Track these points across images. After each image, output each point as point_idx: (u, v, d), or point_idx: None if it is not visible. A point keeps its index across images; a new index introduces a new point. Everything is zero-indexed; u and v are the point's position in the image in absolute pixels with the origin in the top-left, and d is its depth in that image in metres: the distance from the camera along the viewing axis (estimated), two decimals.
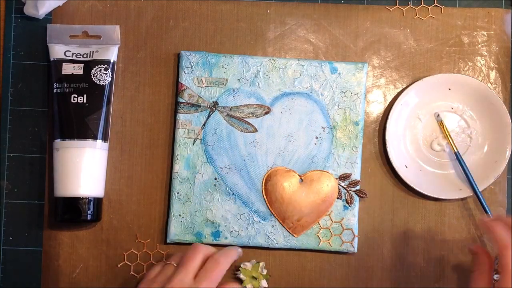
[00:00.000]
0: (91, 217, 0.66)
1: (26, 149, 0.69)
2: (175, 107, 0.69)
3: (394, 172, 0.69)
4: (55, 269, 0.68)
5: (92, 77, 0.67)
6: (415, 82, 0.69)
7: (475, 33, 0.71)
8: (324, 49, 0.70)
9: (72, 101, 0.66)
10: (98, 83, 0.67)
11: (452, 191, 0.68)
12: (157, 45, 0.70)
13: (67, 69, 0.67)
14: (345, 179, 0.68)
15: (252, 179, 0.68)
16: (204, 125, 0.68)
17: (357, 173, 0.68)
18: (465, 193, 0.68)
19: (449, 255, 0.69)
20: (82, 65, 0.67)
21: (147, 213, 0.69)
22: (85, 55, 0.68)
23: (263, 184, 0.68)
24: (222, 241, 0.67)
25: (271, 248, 0.68)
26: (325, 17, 0.71)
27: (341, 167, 0.68)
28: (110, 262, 0.68)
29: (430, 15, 0.71)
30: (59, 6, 0.70)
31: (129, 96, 0.70)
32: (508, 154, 0.68)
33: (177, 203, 0.68)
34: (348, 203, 0.68)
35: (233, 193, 0.68)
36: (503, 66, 0.71)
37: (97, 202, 0.66)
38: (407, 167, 0.69)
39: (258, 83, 0.69)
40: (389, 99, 0.70)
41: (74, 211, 0.65)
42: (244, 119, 0.69)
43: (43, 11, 0.69)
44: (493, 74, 0.71)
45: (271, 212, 0.68)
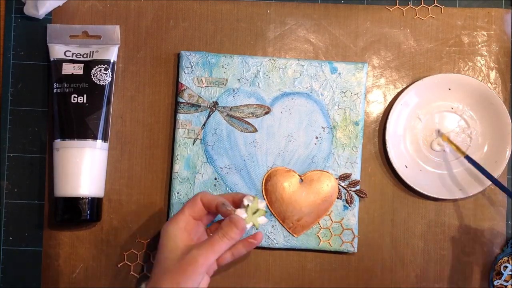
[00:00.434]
0: (91, 217, 0.66)
1: (26, 149, 0.69)
2: (175, 107, 0.69)
3: (394, 172, 0.69)
4: (55, 269, 0.68)
5: (92, 77, 0.67)
6: (415, 82, 0.69)
7: (475, 33, 0.71)
8: (324, 49, 0.70)
9: (72, 101, 0.66)
10: (98, 83, 0.67)
11: (452, 191, 0.68)
12: (157, 45, 0.70)
13: (67, 69, 0.67)
14: (345, 179, 0.68)
15: (252, 179, 0.68)
16: (204, 125, 0.68)
17: (357, 173, 0.68)
18: (465, 193, 0.68)
19: (449, 255, 0.69)
20: (82, 65, 0.67)
21: (147, 213, 0.69)
22: (85, 55, 0.68)
23: (263, 184, 0.68)
24: None
25: (271, 248, 0.68)
26: (325, 17, 0.71)
27: (341, 167, 0.68)
28: (110, 262, 0.68)
29: (430, 15, 0.71)
30: (59, 6, 0.70)
31: (129, 96, 0.70)
32: (508, 154, 0.68)
33: (177, 203, 0.68)
34: (348, 203, 0.68)
35: None
36: (503, 66, 0.71)
37: (97, 202, 0.66)
38: (407, 167, 0.69)
39: (258, 83, 0.69)
40: (389, 99, 0.70)
41: (74, 211, 0.65)
42: (244, 119, 0.69)
43: (43, 11, 0.69)
44: (493, 74, 0.71)
45: (271, 212, 0.68)
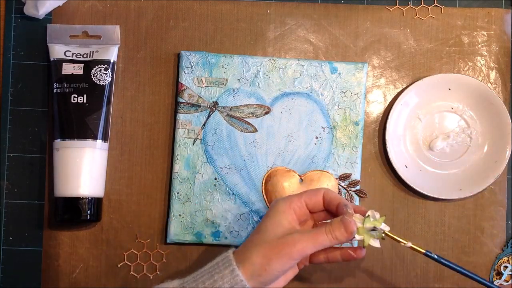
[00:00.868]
0: (91, 217, 0.66)
1: (26, 149, 0.69)
2: (175, 107, 0.69)
3: (394, 172, 0.69)
4: (55, 269, 0.68)
5: (92, 77, 0.67)
6: (415, 82, 0.69)
7: (475, 33, 0.71)
8: (324, 49, 0.70)
9: (72, 101, 0.66)
10: (98, 83, 0.67)
11: (452, 191, 0.68)
12: (157, 45, 0.70)
13: (67, 69, 0.67)
14: (345, 179, 0.68)
15: (252, 179, 0.68)
16: (204, 125, 0.68)
17: (357, 173, 0.68)
18: (465, 193, 0.68)
19: (449, 255, 0.69)
20: (82, 65, 0.67)
21: (147, 213, 0.69)
22: (85, 55, 0.68)
23: (263, 184, 0.68)
24: (222, 241, 0.67)
25: None
26: (325, 17, 0.71)
27: (341, 167, 0.68)
28: (110, 262, 0.68)
29: (430, 15, 0.71)
30: (59, 6, 0.70)
31: (129, 96, 0.70)
32: (508, 154, 0.68)
33: (177, 203, 0.68)
34: None
35: (233, 193, 0.68)
36: (503, 66, 0.71)
37: (97, 202, 0.66)
38: (407, 167, 0.69)
39: (258, 83, 0.69)
40: (389, 99, 0.70)
41: (74, 211, 0.65)
42: (244, 119, 0.69)
43: (43, 11, 0.69)
44: (493, 74, 0.71)
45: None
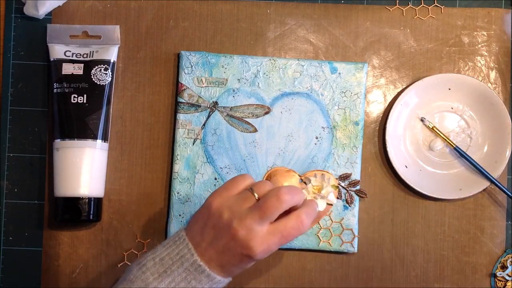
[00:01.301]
0: (91, 217, 0.66)
1: (26, 149, 0.69)
2: (175, 107, 0.69)
3: (394, 172, 0.69)
4: (55, 269, 0.68)
5: (92, 77, 0.67)
6: (415, 82, 0.69)
7: (475, 33, 0.71)
8: (324, 49, 0.70)
9: (72, 101, 0.66)
10: (98, 83, 0.67)
11: (452, 191, 0.68)
12: (157, 45, 0.70)
13: (67, 69, 0.67)
14: (345, 179, 0.68)
15: None
16: (204, 125, 0.68)
17: (357, 173, 0.68)
18: (465, 193, 0.68)
19: (449, 255, 0.69)
20: (82, 65, 0.67)
21: (147, 213, 0.69)
22: (85, 55, 0.68)
23: None
24: None
25: None
26: (325, 17, 0.71)
27: (341, 167, 0.68)
28: (110, 262, 0.68)
29: (430, 15, 0.71)
30: (59, 6, 0.70)
31: (129, 96, 0.70)
32: (508, 154, 0.68)
33: (177, 203, 0.68)
34: (348, 203, 0.68)
35: None
36: (503, 66, 0.71)
37: (97, 202, 0.66)
38: (407, 167, 0.69)
39: (258, 83, 0.69)
40: (389, 99, 0.70)
41: (74, 211, 0.65)
42: (244, 119, 0.69)
43: (43, 11, 0.69)
44: (493, 74, 0.71)
45: None
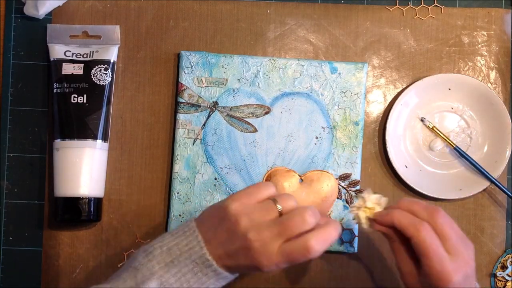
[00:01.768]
0: (91, 217, 0.66)
1: (26, 149, 0.69)
2: (175, 107, 0.69)
3: (394, 172, 0.69)
4: (55, 269, 0.68)
5: (92, 77, 0.67)
6: (415, 82, 0.69)
7: (475, 33, 0.71)
8: (324, 49, 0.70)
9: (72, 101, 0.66)
10: (98, 83, 0.67)
11: (452, 191, 0.68)
12: (157, 45, 0.70)
13: (67, 69, 0.67)
14: (345, 179, 0.68)
15: (252, 179, 0.68)
16: (204, 125, 0.68)
17: (357, 173, 0.68)
18: (465, 193, 0.68)
19: None
20: (82, 65, 0.67)
21: (147, 213, 0.69)
22: (85, 55, 0.68)
23: None
24: None
25: None
26: (325, 17, 0.71)
27: (341, 167, 0.68)
28: (110, 262, 0.68)
29: (430, 15, 0.71)
30: (59, 6, 0.70)
31: (129, 96, 0.70)
32: (508, 154, 0.68)
33: (177, 203, 0.68)
34: (348, 203, 0.68)
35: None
36: (503, 66, 0.71)
37: (97, 202, 0.66)
38: (407, 167, 0.69)
39: (258, 83, 0.69)
40: (389, 99, 0.70)
41: (74, 211, 0.65)
42: (244, 119, 0.69)
43: (43, 11, 0.69)
44: (493, 74, 0.71)
45: None
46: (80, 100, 0.66)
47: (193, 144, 0.68)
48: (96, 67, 0.67)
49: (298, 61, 0.69)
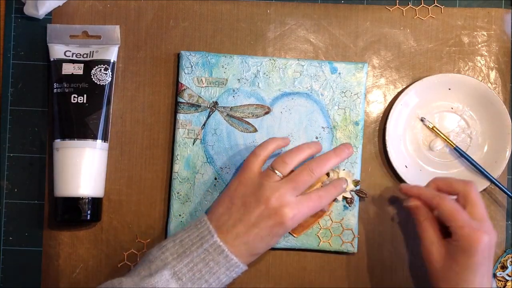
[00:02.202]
0: (91, 217, 0.66)
1: (26, 149, 0.69)
2: (175, 107, 0.69)
3: (394, 172, 0.69)
4: (55, 269, 0.68)
5: (92, 77, 0.67)
6: (415, 82, 0.69)
7: (475, 33, 0.71)
8: (324, 49, 0.70)
9: (72, 101, 0.66)
10: (98, 83, 0.67)
11: None
12: (157, 45, 0.70)
13: (67, 69, 0.67)
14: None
15: None
16: (204, 125, 0.68)
17: (357, 173, 0.68)
18: None
19: None
20: (82, 65, 0.67)
21: (147, 213, 0.69)
22: (85, 55, 0.68)
23: None
24: None
25: (271, 248, 0.68)
26: (325, 17, 0.71)
27: (341, 167, 0.68)
28: (110, 262, 0.68)
29: (430, 15, 0.71)
30: (59, 6, 0.70)
31: (129, 96, 0.70)
32: (508, 154, 0.68)
33: (177, 203, 0.68)
34: (348, 203, 0.68)
35: None
36: (503, 66, 0.71)
37: (97, 202, 0.66)
38: (407, 167, 0.69)
39: (258, 83, 0.69)
40: (389, 99, 0.70)
41: (74, 211, 0.65)
42: (244, 119, 0.69)
43: (43, 11, 0.69)
44: (493, 74, 0.71)
45: None
46: (80, 100, 0.66)
47: (193, 144, 0.68)
48: (96, 67, 0.67)
49: (298, 61, 0.69)
